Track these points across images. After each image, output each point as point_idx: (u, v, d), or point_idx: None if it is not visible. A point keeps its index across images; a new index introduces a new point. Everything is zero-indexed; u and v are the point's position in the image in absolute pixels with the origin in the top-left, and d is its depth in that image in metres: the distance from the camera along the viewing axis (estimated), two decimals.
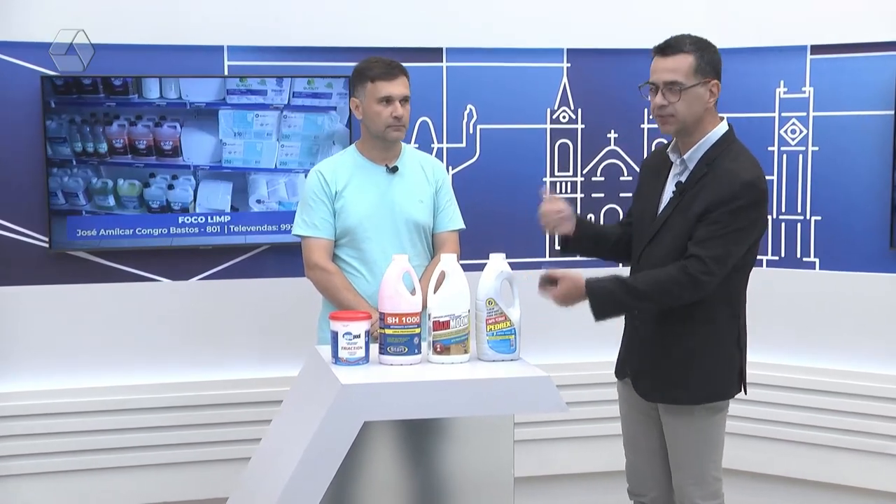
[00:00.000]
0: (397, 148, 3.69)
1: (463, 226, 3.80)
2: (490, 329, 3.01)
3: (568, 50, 4.66)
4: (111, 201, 4.22)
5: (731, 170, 3.09)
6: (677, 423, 3.18)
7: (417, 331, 2.94)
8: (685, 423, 3.17)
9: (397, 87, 3.58)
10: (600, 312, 3.10)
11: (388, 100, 3.57)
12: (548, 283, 3.14)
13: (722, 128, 3.18)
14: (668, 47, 3.13)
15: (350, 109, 3.67)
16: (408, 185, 3.67)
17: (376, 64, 3.60)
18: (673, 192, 3.17)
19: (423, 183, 3.70)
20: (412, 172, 3.69)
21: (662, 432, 3.27)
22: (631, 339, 3.30)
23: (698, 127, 3.15)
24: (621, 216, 4.69)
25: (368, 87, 3.58)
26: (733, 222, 3.04)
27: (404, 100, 3.60)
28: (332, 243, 3.63)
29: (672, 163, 3.23)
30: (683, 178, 3.17)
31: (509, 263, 3.10)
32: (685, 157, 3.17)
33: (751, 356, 3.34)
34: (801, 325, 4.54)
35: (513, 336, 3.03)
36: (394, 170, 3.65)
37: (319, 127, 4.36)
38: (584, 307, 3.14)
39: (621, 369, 3.35)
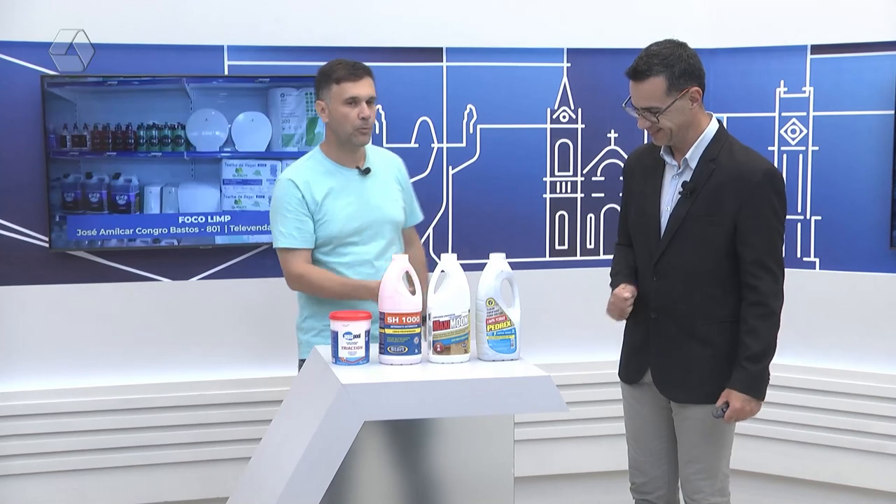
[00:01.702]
0: (361, 148, 3.64)
1: (422, 217, 3.82)
2: (490, 329, 3.01)
3: (568, 50, 4.66)
4: (111, 200, 4.22)
5: (746, 162, 3.13)
6: (694, 417, 3.19)
7: (417, 331, 2.94)
8: (702, 418, 3.17)
9: (363, 88, 3.52)
10: (764, 387, 3.17)
11: (354, 101, 3.51)
12: (722, 411, 3.14)
13: (714, 123, 3.20)
14: (638, 73, 3.11)
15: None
16: (382, 186, 3.63)
17: (340, 66, 3.54)
18: (680, 192, 3.16)
19: (393, 181, 3.67)
20: (381, 171, 3.65)
21: (672, 431, 3.28)
22: (645, 342, 3.26)
23: (692, 129, 3.16)
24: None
25: (334, 88, 3.51)
26: (773, 214, 3.11)
27: (370, 100, 3.54)
28: (310, 252, 3.56)
29: (664, 163, 3.23)
30: (687, 177, 3.16)
31: (509, 263, 3.10)
32: (687, 156, 3.16)
33: None
34: (801, 325, 4.54)
35: (513, 336, 3.03)
36: (366, 171, 3.61)
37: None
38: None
39: (633, 373, 3.32)
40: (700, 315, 3.16)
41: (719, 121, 3.23)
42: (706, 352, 3.15)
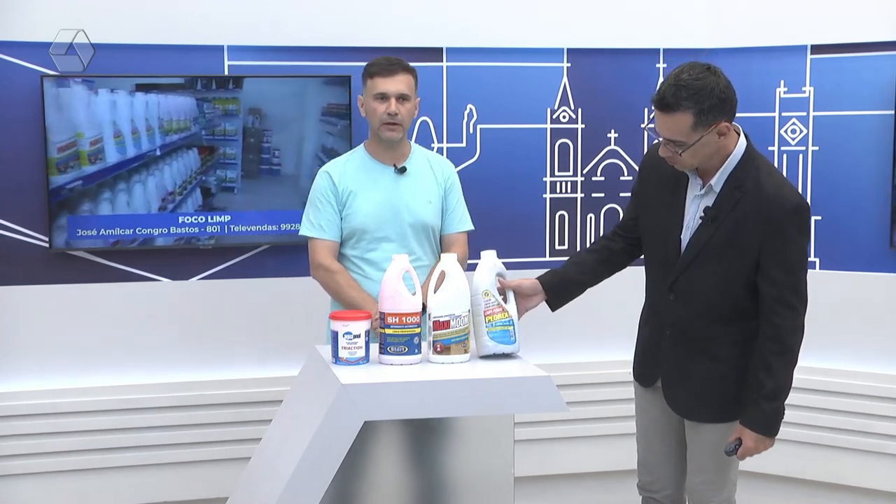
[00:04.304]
0: (405, 147, 3.68)
1: (472, 227, 3.79)
2: (489, 320, 3.01)
3: (568, 50, 4.66)
4: (111, 200, 4.21)
5: (773, 195, 2.98)
6: (704, 432, 3.15)
7: (417, 331, 2.94)
8: (713, 432, 3.14)
9: (393, 84, 3.56)
10: (778, 425, 3.11)
11: (383, 96, 3.56)
12: (734, 448, 3.09)
13: (741, 144, 3.03)
14: (665, 105, 2.91)
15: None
16: (416, 186, 3.65)
17: (379, 61, 3.61)
18: (701, 217, 3.04)
19: (432, 183, 3.68)
20: (420, 173, 3.67)
21: (681, 436, 3.25)
22: (656, 354, 3.20)
23: (715, 156, 3.01)
24: (621, 216, 4.69)
25: (368, 83, 3.59)
26: (797, 250, 2.99)
27: (401, 97, 3.57)
28: (338, 244, 3.62)
29: (689, 178, 3.10)
30: (709, 202, 3.04)
31: (510, 263, 3.10)
32: (712, 182, 3.03)
33: None
34: None
35: (511, 327, 3.03)
36: (402, 170, 3.64)
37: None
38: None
39: (647, 376, 3.27)
40: (714, 336, 3.09)
41: (747, 136, 3.07)
42: (717, 372, 3.09)
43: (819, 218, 4.57)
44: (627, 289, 3.61)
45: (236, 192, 4.31)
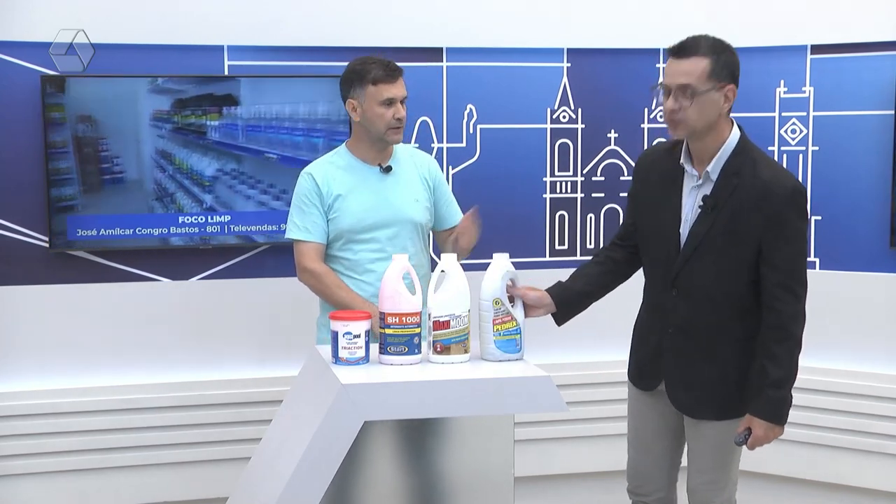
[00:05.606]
0: (389, 147, 3.67)
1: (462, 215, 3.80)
2: (497, 329, 3.01)
3: (568, 50, 4.66)
4: (111, 200, 4.21)
5: (771, 180, 2.99)
6: (707, 432, 3.15)
7: (417, 331, 2.94)
8: (715, 431, 3.14)
9: (399, 89, 3.55)
10: (786, 412, 3.09)
11: (390, 102, 3.55)
12: (744, 437, 3.08)
13: (736, 132, 3.06)
14: (683, 49, 2.99)
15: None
16: (403, 185, 3.64)
17: (374, 66, 3.55)
18: (700, 206, 3.05)
19: (418, 181, 3.67)
20: (406, 171, 3.67)
21: (677, 436, 3.25)
22: (658, 354, 3.19)
23: (712, 134, 3.03)
24: (621, 216, 4.69)
25: (369, 89, 3.53)
26: (795, 234, 3.00)
27: (403, 100, 3.58)
28: (324, 247, 3.60)
29: (684, 171, 3.11)
30: (706, 191, 3.05)
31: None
32: (708, 169, 3.04)
33: None
34: None
35: (518, 336, 3.03)
36: (387, 170, 3.63)
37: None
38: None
39: (648, 381, 3.25)
40: (717, 332, 3.08)
41: (741, 127, 3.10)
42: (721, 369, 3.09)
43: (819, 218, 4.57)
44: (628, 289, 3.60)
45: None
